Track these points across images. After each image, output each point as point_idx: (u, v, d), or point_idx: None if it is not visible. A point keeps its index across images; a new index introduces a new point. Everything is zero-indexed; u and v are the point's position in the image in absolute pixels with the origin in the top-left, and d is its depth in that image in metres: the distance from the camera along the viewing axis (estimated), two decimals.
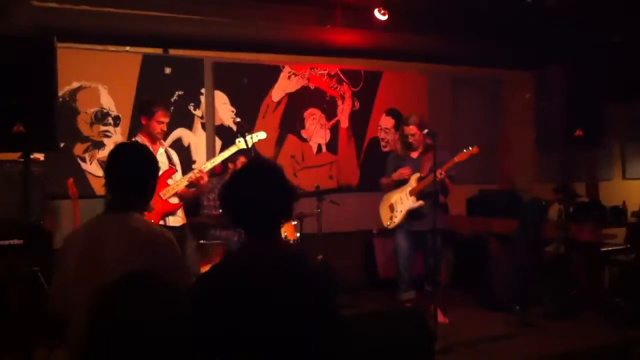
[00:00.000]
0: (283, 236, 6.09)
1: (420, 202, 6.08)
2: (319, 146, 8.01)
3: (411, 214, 6.14)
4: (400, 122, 8.37)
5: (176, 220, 5.32)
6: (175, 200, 5.31)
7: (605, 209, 8.20)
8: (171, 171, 5.37)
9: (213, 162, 5.53)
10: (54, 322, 2.70)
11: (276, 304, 2.19)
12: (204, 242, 6.07)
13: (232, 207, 2.38)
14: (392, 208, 6.28)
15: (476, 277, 7.05)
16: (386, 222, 6.32)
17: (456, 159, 5.94)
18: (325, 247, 6.52)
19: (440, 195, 6.02)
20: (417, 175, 6.17)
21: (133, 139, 5.30)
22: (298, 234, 6.33)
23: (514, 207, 7.29)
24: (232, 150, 5.48)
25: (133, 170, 2.77)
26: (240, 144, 5.50)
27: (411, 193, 6.14)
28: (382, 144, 8.40)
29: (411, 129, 6.13)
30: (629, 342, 5.58)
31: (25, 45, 4.47)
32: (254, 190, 2.33)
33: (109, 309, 1.69)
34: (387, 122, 8.43)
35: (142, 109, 5.44)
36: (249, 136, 5.50)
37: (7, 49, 4.39)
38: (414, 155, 6.27)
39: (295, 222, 6.44)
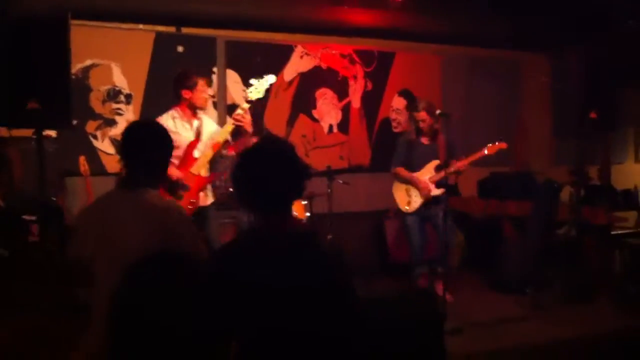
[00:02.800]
0: (293, 215, 6.07)
1: (441, 190, 6.05)
2: (330, 126, 7.99)
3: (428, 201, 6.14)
4: (412, 103, 8.40)
5: (205, 198, 5.11)
6: (206, 173, 5.06)
7: (616, 192, 8.15)
8: (196, 142, 5.06)
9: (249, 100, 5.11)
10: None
11: (289, 283, 2.19)
12: (222, 221, 6.00)
13: (243, 186, 2.38)
14: (408, 192, 6.24)
15: (488, 259, 7.04)
16: (404, 206, 6.26)
17: (485, 151, 5.96)
18: (336, 227, 6.52)
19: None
20: (434, 162, 6.15)
21: (168, 113, 5.13)
22: (308, 214, 6.32)
23: (527, 189, 7.26)
24: (246, 106, 5.03)
25: (147, 149, 2.81)
26: (253, 93, 5.12)
27: (430, 181, 6.13)
28: (394, 124, 8.37)
29: (421, 115, 6.10)
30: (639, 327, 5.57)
31: (39, 23, 4.48)
32: (265, 169, 2.33)
33: (132, 289, 1.70)
34: (399, 102, 8.40)
35: (183, 82, 5.10)
36: (257, 82, 5.19)
37: (21, 27, 4.41)
38: (426, 141, 6.22)
39: (305, 202, 6.44)
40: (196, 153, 5.01)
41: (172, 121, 4.96)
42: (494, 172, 8.37)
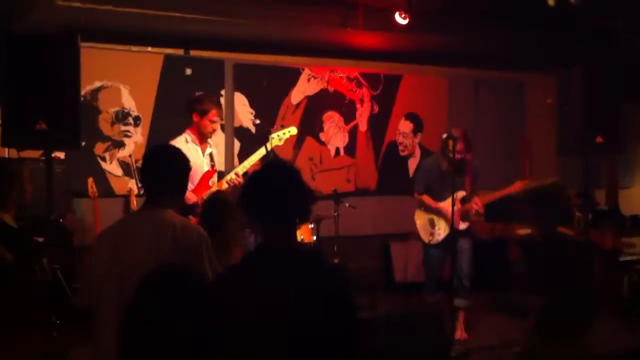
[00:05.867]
0: (300, 239, 6.09)
1: (466, 224, 5.91)
2: (337, 149, 8.02)
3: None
4: (419, 126, 8.42)
5: None
6: None
7: (624, 217, 8.12)
8: (212, 172, 5.27)
9: (249, 162, 5.30)
10: (79, 311, 2.82)
11: (294, 301, 2.21)
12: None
13: (250, 207, 2.45)
14: (432, 223, 6.02)
15: (494, 282, 7.00)
16: (427, 239, 6.04)
17: (515, 189, 5.87)
18: (342, 250, 6.52)
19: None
20: (461, 193, 5.88)
21: (183, 135, 5.21)
22: (315, 237, 6.33)
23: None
24: (267, 147, 5.26)
25: (166, 173, 2.94)
26: (274, 140, 5.32)
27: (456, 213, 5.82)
28: (401, 148, 8.39)
29: (459, 146, 5.66)
30: None
31: (49, 44, 4.49)
32: (272, 190, 2.39)
33: (142, 302, 1.73)
34: (405, 126, 8.42)
35: (194, 107, 5.23)
36: (280, 132, 5.38)
37: (32, 48, 4.43)
38: (452, 170, 5.83)
39: (312, 225, 6.44)
40: (211, 182, 5.19)
41: (185, 144, 5.06)
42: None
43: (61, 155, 6.13)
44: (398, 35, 7.40)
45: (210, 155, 5.31)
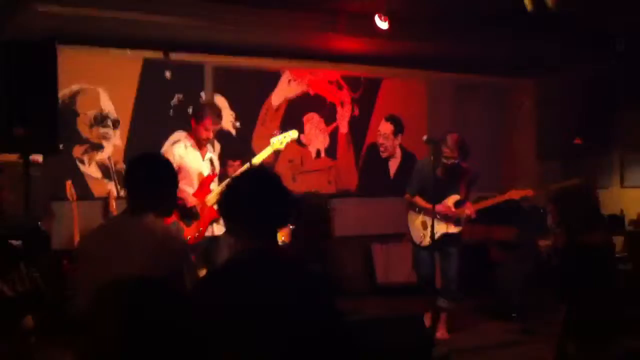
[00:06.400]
0: (280, 240, 6.09)
1: (459, 228, 5.92)
2: (318, 151, 8.02)
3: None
4: (399, 128, 8.44)
5: (220, 228, 5.23)
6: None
7: (603, 217, 8.19)
8: (213, 176, 5.36)
9: (254, 161, 5.35)
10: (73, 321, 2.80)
11: (276, 310, 2.19)
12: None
13: (230, 213, 2.44)
14: (424, 225, 5.96)
15: (475, 285, 7.04)
16: (419, 240, 6.02)
17: (508, 196, 5.93)
18: (323, 251, 6.51)
19: None
20: (454, 197, 5.90)
21: (182, 134, 5.48)
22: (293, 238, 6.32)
23: (513, 214, 7.28)
24: (268, 151, 5.33)
25: (150, 183, 2.91)
26: (275, 144, 5.37)
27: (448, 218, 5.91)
28: (381, 149, 8.40)
29: (449, 152, 5.72)
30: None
31: (27, 48, 4.49)
32: (251, 197, 2.38)
33: (106, 308, 1.71)
34: (386, 127, 8.44)
35: (193, 113, 5.51)
36: (282, 135, 5.42)
37: (9, 52, 4.42)
38: (447, 173, 5.89)
39: (292, 227, 6.43)
40: (213, 186, 5.28)
41: (184, 149, 5.22)
42: (480, 196, 8.41)
43: (39, 158, 6.07)
44: (378, 40, 7.41)
45: (211, 159, 5.41)
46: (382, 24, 6.64)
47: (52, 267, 5.58)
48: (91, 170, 6.79)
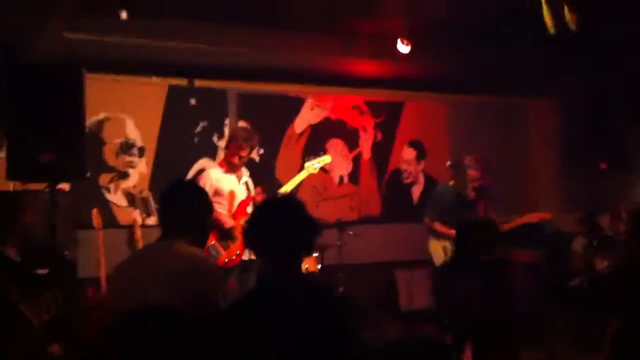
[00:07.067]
0: (305, 268, 6.08)
1: None
2: (341, 177, 8.02)
3: None
4: (422, 153, 8.41)
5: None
6: None
7: None
8: (250, 199, 5.46)
9: (288, 186, 5.61)
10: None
11: (298, 334, 2.19)
12: None
13: (254, 240, 2.47)
14: (445, 250, 5.97)
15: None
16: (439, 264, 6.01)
17: (527, 220, 5.95)
18: (347, 279, 6.49)
19: None
20: None
21: (208, 162, 5.80)
22: (319, 266, 6.30)
23: (536, 237, 7.20)
24: (303, 175, 5.53)
25: (180, 206, 2.96)
26: (309, 168, 5.56)
27: None
28: (404, 175, 8.38)
29: (475, 173, 5.82)
30: None
31: (54, 75, 4.51)
32: (276, 224, 2.41)
33: (120, 336, 1.73)
34: (409, 153, 8.42)
35: (228, 137, 5.74)
36: (316, 160, 5.63)
37: (37, 79, 4.45)
38: (476, 196, 5.94)
39: (317, 254, 6.42)
40: (249, 209, 5.35)
41: (222, 174, 5.42)
42: (500, 221, 8.32)
43: (66, 187, 6.14)
44: (399, 63, 7.42)
45: (246, 183, 5.56)
46: (404, 48, 6.64)
47: (78, 296, 5.62)
48: (117, 199, 6.84)
